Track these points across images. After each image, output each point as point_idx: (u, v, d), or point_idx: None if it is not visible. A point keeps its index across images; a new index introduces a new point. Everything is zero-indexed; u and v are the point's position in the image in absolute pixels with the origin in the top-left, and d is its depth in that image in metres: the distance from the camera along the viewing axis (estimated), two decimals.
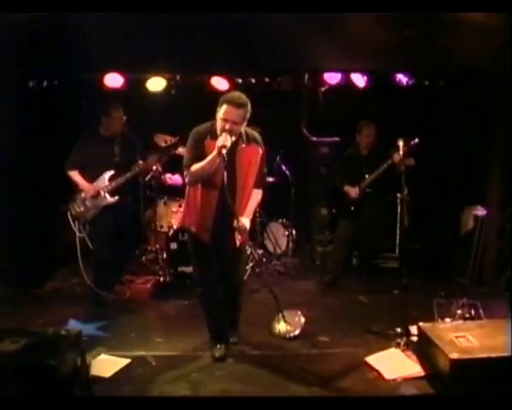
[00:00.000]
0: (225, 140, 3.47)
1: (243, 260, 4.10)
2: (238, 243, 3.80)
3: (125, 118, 5.01)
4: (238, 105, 3.53)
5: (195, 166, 3.59)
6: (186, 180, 3.74)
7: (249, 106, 3.60)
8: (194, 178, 3.65)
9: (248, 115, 3.62)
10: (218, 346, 3.93)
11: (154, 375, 3.68)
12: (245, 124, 3.66)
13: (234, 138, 3.56)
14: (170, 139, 5.58)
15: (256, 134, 3.81)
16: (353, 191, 5.42)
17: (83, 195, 4.92)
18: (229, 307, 4.09)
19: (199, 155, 3.60)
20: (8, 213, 5.28)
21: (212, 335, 4.02)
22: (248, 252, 4.45)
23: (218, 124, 3.58)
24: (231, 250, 3.84)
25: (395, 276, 4.66)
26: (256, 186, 3.84)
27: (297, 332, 4.25)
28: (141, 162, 4.98)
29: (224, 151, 3.44)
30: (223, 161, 3.47)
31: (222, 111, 3.54)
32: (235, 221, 3.66)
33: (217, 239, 3.76)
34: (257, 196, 3.87)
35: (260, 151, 3.77)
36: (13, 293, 5.22)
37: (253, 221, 3.98)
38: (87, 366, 3.51)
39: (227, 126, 3.50)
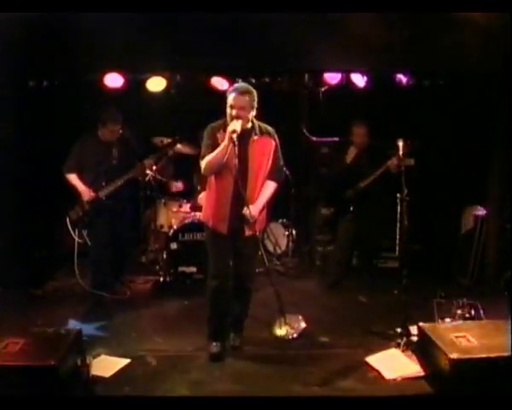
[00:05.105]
0: (234, 125, 3.61)
1: (255, 252, 4.09)
2: (247, 231, 3.84)
3: (121, 131, 4.97)
4: (242, 92, 3.71)
5: (209, 156, 3.73)
6: (202, 171, 3.88)
7: (255, 94, 3.76)
8: (207, 166, 3.77)
9: (255, 103, 3.76)
10: (214, 344, 3.95)
11: (154, 375, 3.69)
12: (254, 112, 3.78)
13: (245, 124, 3.70)
14: (167, 141, 5.58)
15: (269, 127, 3.92)
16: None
17: (81, 199, 4.91)
18: (236, 309, 4.12)
19: (212, 145, 3.75)
20: (9, 214, 5.28)
21: (210, 332, 4.02)
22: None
23: (228, 114, 3.72)
24: (245, 240, 3.89)
25: (395, 276, 4.65)
26: (269, 178, 3.91)
27: (295, 335, 4.25)
28: (138, 164, 4.96)
29: (234, 136, 3.57)
30: (233, 146, 3.59)
31: (229, 99, 3.71)
32: (245, 208, 3.72)
33: (233, 229, 3.84)
34: (269, 187, 3.92)
35: (273, 143, 3.89)
36: (13, 293, 5.22)
37: (264, 216, 4.05)
38: (87, 366, 3.52)
39: (234, 112, 3.66)
